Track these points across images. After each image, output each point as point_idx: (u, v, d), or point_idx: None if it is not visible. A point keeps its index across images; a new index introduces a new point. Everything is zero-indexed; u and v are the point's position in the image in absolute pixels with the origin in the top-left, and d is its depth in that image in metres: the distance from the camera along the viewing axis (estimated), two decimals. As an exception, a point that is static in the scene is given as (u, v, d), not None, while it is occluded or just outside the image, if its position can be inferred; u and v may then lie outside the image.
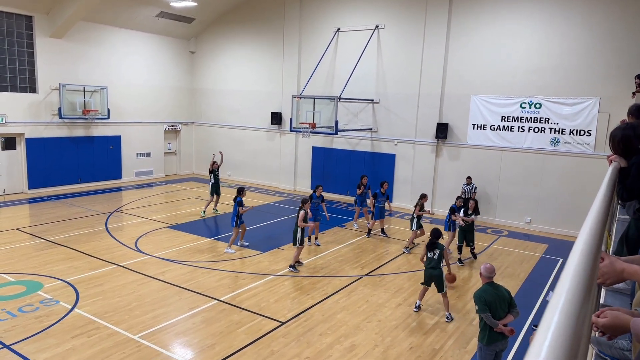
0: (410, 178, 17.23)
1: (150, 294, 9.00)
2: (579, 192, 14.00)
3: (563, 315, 0.71)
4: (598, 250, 1.38)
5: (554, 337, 0.66)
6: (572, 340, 0.66)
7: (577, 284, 0.83)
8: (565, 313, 0.72)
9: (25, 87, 17.50)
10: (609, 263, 1.91)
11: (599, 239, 1.36)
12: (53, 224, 13.75)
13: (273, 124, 20.40)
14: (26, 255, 10.96)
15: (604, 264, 1.90)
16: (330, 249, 12.29)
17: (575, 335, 0.68)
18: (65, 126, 18.61)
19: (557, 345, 0.64)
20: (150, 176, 21.85)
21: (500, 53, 15.14)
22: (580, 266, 0.92)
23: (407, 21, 16.77)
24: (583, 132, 14.11)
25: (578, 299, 0.77)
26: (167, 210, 16.14)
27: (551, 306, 0.75)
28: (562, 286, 0.81)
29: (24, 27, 17.23)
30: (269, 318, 8.18)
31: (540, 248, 13.14)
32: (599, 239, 1.36)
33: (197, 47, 22.96)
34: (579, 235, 1.21)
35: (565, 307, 0.74)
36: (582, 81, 14.00)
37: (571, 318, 0.71)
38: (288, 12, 19.51)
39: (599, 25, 13.64)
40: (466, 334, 7.90)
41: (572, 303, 0.75)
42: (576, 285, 0.82)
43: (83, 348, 6.95)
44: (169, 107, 22.45)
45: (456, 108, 16.11)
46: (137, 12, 19.30)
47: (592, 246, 1.12)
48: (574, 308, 0.74)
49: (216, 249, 11.95)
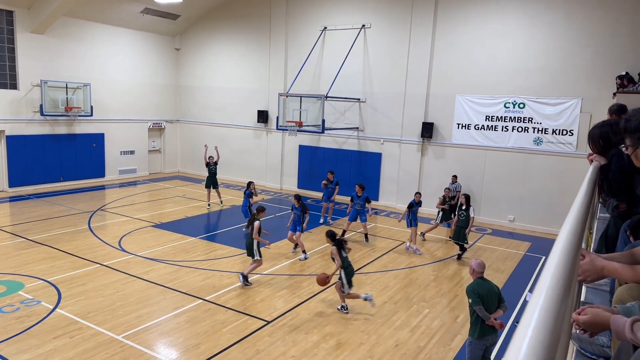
0: (397, 177, 17.31)
1: (134, 294, 8.90)
2: (562, 190, 14.22)
3: (543, 312, 0.72)
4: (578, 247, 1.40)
5: (534, 334, 0.66)
6: (552, 336, 0.67)
7: (557, 281, 0.84)
8: (546, 310, 0.73)
9: (5, 84, 17.14)
10: (589, 260, 1.94)
11: (579, 237, 1.38)
12: (34, 222, 13.51)
13: (259, 122, 20.32)
14: (6, 255, 10.75)
15: (585, 261, 1.93)
16: (316, 247, 12.29)
17: (555, 332, 0.69)
18: (47, 123, 18.28)
19: (537, 341, 0.65)
20: (134, 174, 21.59)
21: (485, 53, 15.30)
22: (560, 263, 0.93)
23: (393, 21, 16.84)
24: (565, 132, 14.34)
25: (558, 296, 0.78)
26: (152, 209, 15.97)
27: (532, 303, 0.76)
28: (543, 283, 0.82)
29: (4, 22, 16.87)
30: (254, 317, 8.15)
31: (524, 246, 13.32)
32: (579, 236, 1.38)
33: (183, 44, 22.74)
34: (560, 233, 1.23)
35: (545, 304, 0.74)
36: (564, 82, 14.22)
37: (551, 315, 0.72)
38: (274, 10, 19.44)
39: (581, 27, 13.87)
40: (451, 330, 7.97)
41: (553, 300, 0.76)
42: (556, 283, 0.83)
43: (65, 349, 6.85)
44: (153, 105, 22.20)
45: (441, 107, 16.24)
46: (121, 8, 19.03)
47: (572, 244, 1.14)
48: (554, 305, 0.75)
49: (200, 248, 11.87)
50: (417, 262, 11.47)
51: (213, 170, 15.75)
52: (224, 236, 13.19)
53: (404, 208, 12.64)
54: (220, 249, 11.91)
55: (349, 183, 18.41)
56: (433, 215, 16.35)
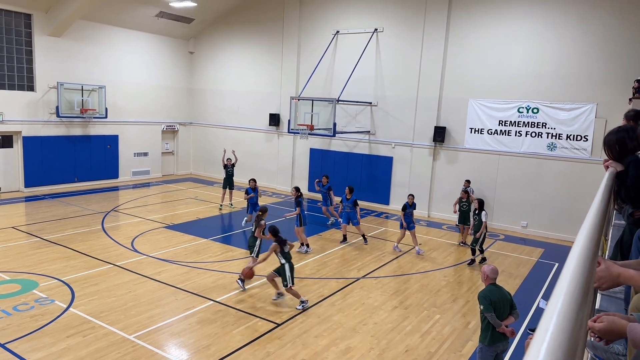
0: (408, 181, 17.25)
1: (146, 294, 8.98)
2: (575, 197, 14.05)
3: (561, 317, 0.72)
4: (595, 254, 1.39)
5: (552, 339, 0.67)
6: (570, 342, 0.67)
7: (574, 287, 0.84)
8: (563, 315, 0.73)
9: (23, 85, 17.45)
10: (605, 267, 1.92)
11: (596, 244, 1.37)
12: (49, 222, 13.70)
13: (271, 125, 20.40)
14: (22, 254, 10.92)
15: (601, 268, 1.92)
16: (327, 250, 12.29)
17: (572, 338, 0.69)
18: (62, 125, 18.56)
19: (555, 347, 0.65)
20: (148, 176, 21.81)
21: (499, 58, 15.20)
22: (577, 270, 0.93)
23: (406, 25, 16.82)
24: (580, 138, 14.18)
25: (576, 302, 0.78)
26: (164, 210, 16.11)
27: (549, 309, 0.76)
28: (560, 289, 0.82)
29: (22, 25, 17.19)
30: (264, 319, 8.17)
31: (537, 252, 13.18)
32: (596, 243, 1.37)
33: (196, 47, 22.96)
34: (577, 240, 1.22)
35: (563, 310, 0.75)
36: (579, 87, 14.06)
37: (569, 320, 0.72)
38: (287, 14, 19.54)
39: (596, 31, 13.72)
40: (462, 337, 7.91)
41: (570, 306, 0.76)
42: (574, 289, 0.83)
43: (78, 347, 6.93)
44: (166, 107, 22.43)
45: (454, 112, 16.16)
46: (137, 11, 19.29)
47: (589, 250, 1.13)
48: (572, 311, 0.75)
49: (212, 250, 11.94)
50: (429, 267, 11.41)
51: (230, 172, 16.16)
52: (235, 238, 13.26)
53: (415, 212, 12.60)
54: (231, 250, 11.96)
55: (360, 187, 18.41)
56: (446, 220, 16.28)
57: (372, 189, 18.09)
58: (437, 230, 15.05)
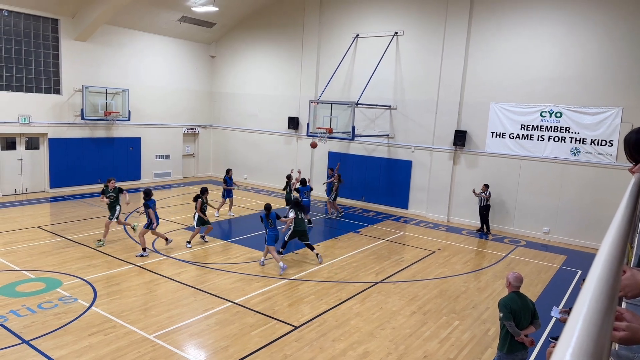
0: (427, 185, 17.11)
1: (165, 295, 9.10)
2: (599, 203, 13.74)
3: (587, 323, 0.71)
4: (621, 262, 1.37)
5: (577, 346, 0.66)
6: (595, 348, 0.67)
7: (600, 294, 0.83)
8: (589, 322, 0.72)
9: (49, 89, 17.92)
10: (630, 275, 1.88)
11: (621, 251, 1.34)
12: (73, 222, 14.01)
13: (290, 128, 20.50)
14: (46, 253, 11.19)
15: (626, 276, 1.88)
16: (345, 254, 12.27)
17: (599, 345, 0.68)
18: (87, 127, 18.98)
19: (580, 354, 0.65)
20: (169, 178, 22.13)
21: (521, 61, 14.99)
22: (603, 277, 0.92)
23: (426, 28, 16.73)
24: (604, 142, 13.87)
25: (602, 309, 0.77)
26: (184, 211, 16.30)
27: (574, 315, 0.75)
28: (586, 296, 0.81)
29: (50, 29, 17.67)
30: (282, 322, 8.19)
31: (559, 259, 12.92)
32: (621, 250, 1.34)
33: (217, 51, 23.24)
34: (602, 246, 1.20)
35: (588, 316, 0.74)
36: (604, 90, 13.77)
37: (595, 327, 0.71)
38: (308, 18, 19.64)
39: (621, 34, 13.42)
40: (481, 343, 7.80)
41: (596, 312, 0.75)
42: (599, 295, 0.82)
43: (99, 346, 7.06)
44: (188, 110, 22.75)
45: (475, 115, 15.99)
46: (160, 16, 19.64)
47: (614, 257, 1.11)
48: (598, 318, 0.74)
49: (231, 252, 12.03)
50: (448, 273, 11.29)
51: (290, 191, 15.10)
52: (254, 240, 13.33)
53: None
54: (250, 252, 12.04)
55: (378, 190, 18.36)
56: (465, 225, 16.10)
57: (391, 193, 18.00)
58: (456, 235, 14.89)
